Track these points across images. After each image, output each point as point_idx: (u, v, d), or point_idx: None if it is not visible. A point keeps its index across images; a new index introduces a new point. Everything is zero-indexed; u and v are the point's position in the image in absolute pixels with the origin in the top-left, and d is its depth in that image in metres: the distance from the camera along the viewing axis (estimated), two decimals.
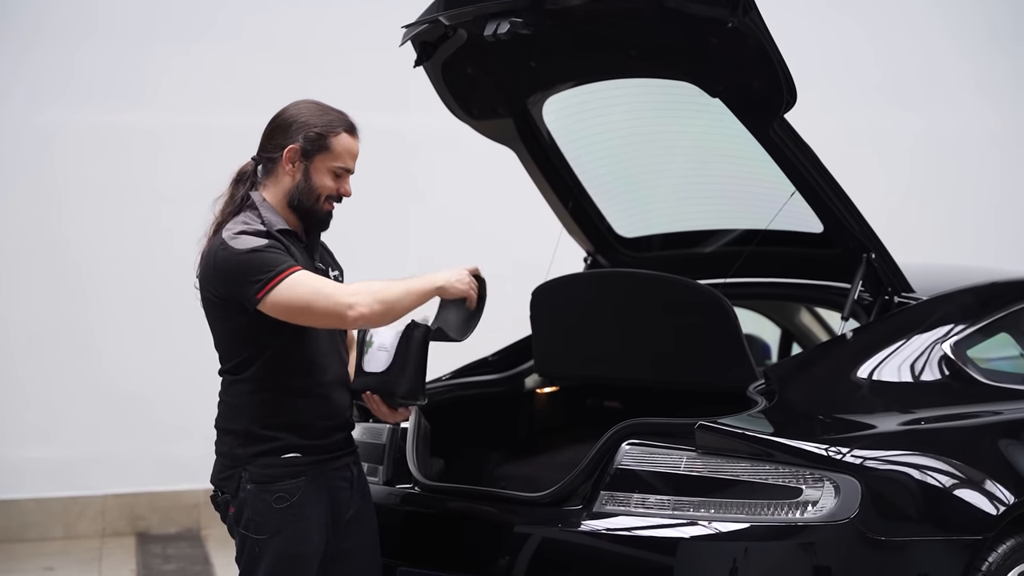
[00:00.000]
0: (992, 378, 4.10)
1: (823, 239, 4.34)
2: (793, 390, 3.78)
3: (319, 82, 6.88)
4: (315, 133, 3.44)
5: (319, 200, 3.48)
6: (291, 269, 3.31)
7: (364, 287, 3.34)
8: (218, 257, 3.36)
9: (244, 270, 3.31)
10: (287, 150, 3.44)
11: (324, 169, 3.47)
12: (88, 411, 7.53)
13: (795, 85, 3.79)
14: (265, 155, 3.50)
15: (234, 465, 3.43)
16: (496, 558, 3.68)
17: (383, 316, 3.36)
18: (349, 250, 4.02)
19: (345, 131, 3.49)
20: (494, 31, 3.82)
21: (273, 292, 3.29)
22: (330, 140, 3.46)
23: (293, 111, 3.49)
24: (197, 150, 7.47)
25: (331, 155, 3.46)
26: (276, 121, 3.51)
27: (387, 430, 4.13)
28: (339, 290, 3.34)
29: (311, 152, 3.45)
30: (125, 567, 6.85)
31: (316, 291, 3.30)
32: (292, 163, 3.46)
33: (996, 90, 9.38)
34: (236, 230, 3.38)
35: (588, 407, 4.85)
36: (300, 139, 3.44)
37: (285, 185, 3.48)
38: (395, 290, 3.38)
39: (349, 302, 3.30)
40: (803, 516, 3.40)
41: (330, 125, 3.47)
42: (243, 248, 3.33)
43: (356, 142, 3.52)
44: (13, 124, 7.43)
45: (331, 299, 3.29)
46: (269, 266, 3.30)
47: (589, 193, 4.78)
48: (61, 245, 7.51)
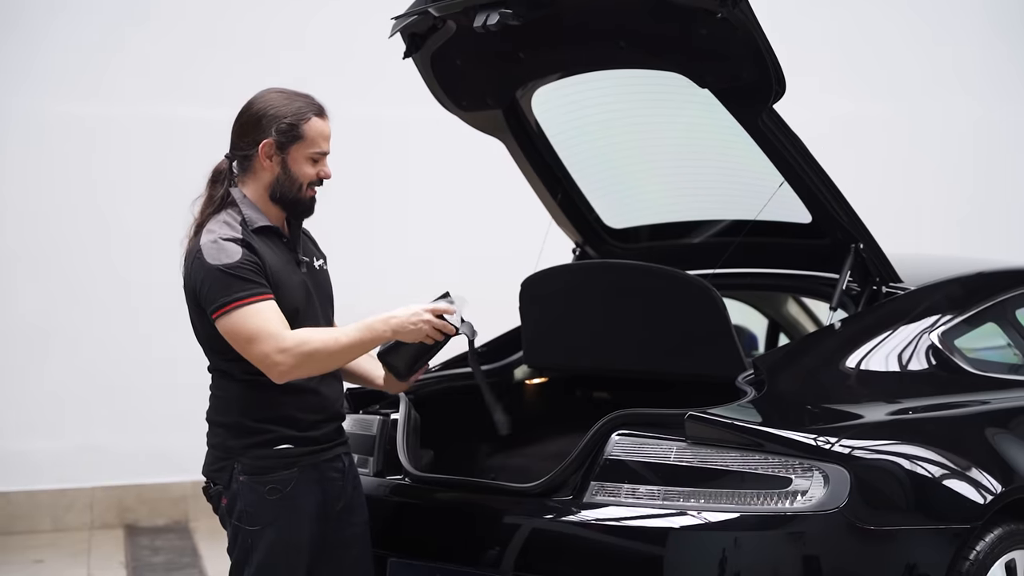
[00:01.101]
0: (979, 367, 4.12)
1: (811, 229, 4.36)
2: (782, 380, 3.79)
3: (300, 72, 6.91)
4: (287, 124, 3.42)
5: (301, 189, 3.47)
6: (248, 299, 3.31)
7: (297, 344, 3.31)
8: (193, 266, 3.39)
9: (210, 285, 3.33)
10: (262, 146, 3.43)
11: (301, 158, 3.45)
12: (76, 404, 7.52)
13: (784, 75, 3.80)
14: (239, 153, 3.49)
15: (226, 457, 3.43)
16: (487, 548, 3.69)
17: (314, 371, 3.39)
18: (337, 241, 4.03)
19: (315, 115, 3.47)
20: (484, 22, 3.82)
21: (223, 319, 3.32)
22: (303, 128, 3.44)
23: (260, 104, 3.46)
24: (203, 143, 7.43)
25: (306, 143, 3.45)
26: (244, 117, 3.48)
27: (377, 422, 4.13)
28: (274, 342, 3.30)
29: (286, 144, 3.43)
30: (114, 559, 6.85)
31: (257, 333, 3.30)
32: (269, 158, 3.44)
33: (992, 81, 9.41)
34: (214, 236, 3.37)
35: (577, 398, 4.86)
36: (272, 132, 3.42)
37: (265, 180, 3.47)
38: (336, 347, 3.35)
39: (276, 360, 3.30)
40: (792, 506, 3.41)
41: (300, 113, 3.44)
42: (215, 264, 3.32)
43: (327, 123, 3.50)
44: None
45: (265, 349, 3.29)
46: (233, 289, 3.31)
47: (578, 184, 4.78)
48: (50, 238, 7.49)
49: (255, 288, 3.34)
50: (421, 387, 4.39)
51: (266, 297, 3.34)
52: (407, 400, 4.15)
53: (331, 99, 3.58)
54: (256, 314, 3.31)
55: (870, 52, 9.10)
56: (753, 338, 5.78)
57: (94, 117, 7.55)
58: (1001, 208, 9.41)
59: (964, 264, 4.61)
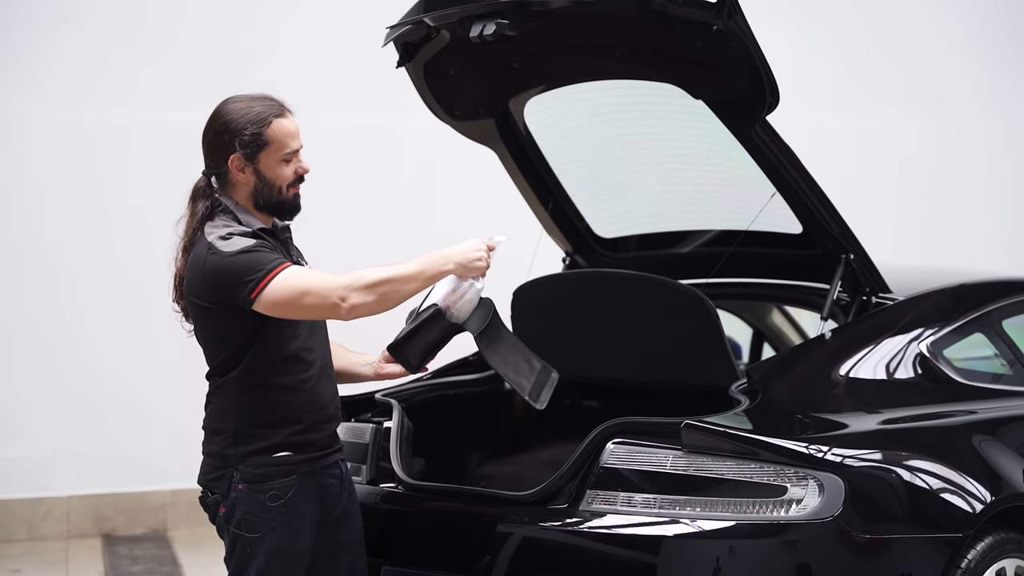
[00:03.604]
0: (968, 377, 4.17)
1: (802, 240, 4.39)
2: (775, 389, 3.82)
3: (291, 79, 6.91)
4: (248, 135, 3.40)
5: (282, 191, 3.47)
6: (281, 266, 3.32)
7: (357, 277, 3.31)
8: (208, 263, 3.35)
9: (235, 272, 3.31)
10: (230, 161, 3.42)
11: (273, 162, 3.44)
12: (52, 412, 7.45)
13: (778, 87, 3.83)
14: (213, 171, 3.49)
15: (224, 466, 3.43)
16: (481, 557, 3.69)
17: (381, 304, 3.34)
18: (323, 248, 4.02)
19: (276, 117, 3.44)
20: (479, 32, 3.83)
21: (266, 290, 3.29)
22: (266, 134, 3.42)
23: (220, 120, 3.44)
24: (198, 148, 7.40)
25: (273, 146, 3.43)
26: (208, 135, 3.48)
27: (370, 430, 4.13)
28: (332, 283, 3.30)
29: (253, 153, 3.42)
30: (92, 568, 6.80)
31: (309, 285, 3.30)
32: (241, 171, 3.44)
33: (993, 92, 9.49)
34: (222, 232, 3.38)
35: (567, 407, 4.87)
36: (237, 146, 3.40)
37: (245, 191, 3.47)
38: (396, 275, 3.33)
39: (342, 295, 3.28)
40: (787, 514, 3.44)
41: (259, 119, 3.42)
42: (232, 250, 3.33)
43: (291, 120, 3.47)
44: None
45: (324, 292, 3.28)
46: (260, 264, 3.31)
47: (569, 194, 4.79)
48: (24, 244, 7.43)
49: (280, 258, 3.35)
50: (413, 395, 4.40)
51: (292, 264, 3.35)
52: (400, 408, 4.15)
53: (320, 106, 3.57)
54: (297, 273, 3.31)
55: (843, 65, 9.16)
56: (737, 348, 5.81)
57: (88, 122, 7.50)
58: (971, 220, 9.48)
59: (952, 275, 4.65)
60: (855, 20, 9.16)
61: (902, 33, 9.28)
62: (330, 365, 3.60)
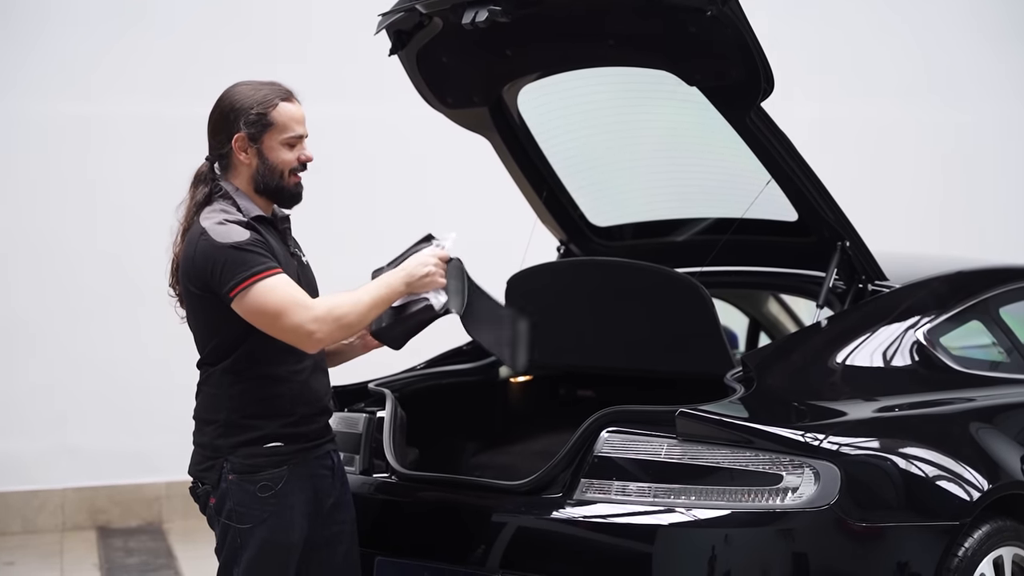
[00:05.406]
0: (965, 365, 4.15)
1: (797, 227, 4.37)
2: (771, 377, 3.80)
3: (290, 69, 6.87)
4: (255, 114, 3.40)
5: (283, 176, 3.46)
6: (270, 272, 3.29)
7: (327, 311, 3.31)
8: (199, 248, 3.33)
9: (224, 263, 3.29)
10: (234, 141, 3.42)
11: (276, 145, 3.43)
12: (46, 404, 7.45)
13: (772, 73, 3.81)
14: (217, 152, 3.48)
15: (215, 456, 3.40)
16: (475, 547, 3.67)
17: (343, 335, 3.41)
18: (319, 237, 3.99)
19: (282, 100, 3.45)
20: (472, 19, 3.81)
21: (246, 295, 3.27)
22: (271, 115, 3.42)
23: (226, 101, 3.45)
24: (197, 141, 7.39)
25: (277, 128, 3.43)
26: (214, 115, 3.48)
27: (363, 420, 4.11)
28: (305, 314, 3.29)
29: (258, 134, 3.42)
30: (87, 561, 6.79)
31: (286, 307, 3.28)
32: (244, 151, 3.43)
33: (972, 82, 9.47)
34: (217, 219, 3.35)
35: (561, 396, 4.85)
36: (242, 125, 3.40)
37: (246, 174, 3.45)
38: (358, 309, 3.36)
39: (310, 329, 3.29)
40: (783, 503, 3.42)
41: (266, 100, 3.42)
42: (225, 242, 3.30)
43: (297, 106, 3.48)
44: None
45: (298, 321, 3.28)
46: (249, 264, 3.28)
47: (563, 182, 4.77)
48: (17, 237, 7.41)
49: (270, 262, 3.32)
50: (407, 385, 4.38)
51: (280, 271, 3.33)
52: (393, 398, 4.13)
53: (324, 96, 3.55)
54: (278, 286, 3.29)
55: (845, 53, 9.14)
56: (733, 336, 5.80)
57: (86, 116, 7.48)
58: (978, 209, 9.47)
59: (948, 262, 4.63)
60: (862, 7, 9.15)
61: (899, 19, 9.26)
62: (323, 359, 3.58)
